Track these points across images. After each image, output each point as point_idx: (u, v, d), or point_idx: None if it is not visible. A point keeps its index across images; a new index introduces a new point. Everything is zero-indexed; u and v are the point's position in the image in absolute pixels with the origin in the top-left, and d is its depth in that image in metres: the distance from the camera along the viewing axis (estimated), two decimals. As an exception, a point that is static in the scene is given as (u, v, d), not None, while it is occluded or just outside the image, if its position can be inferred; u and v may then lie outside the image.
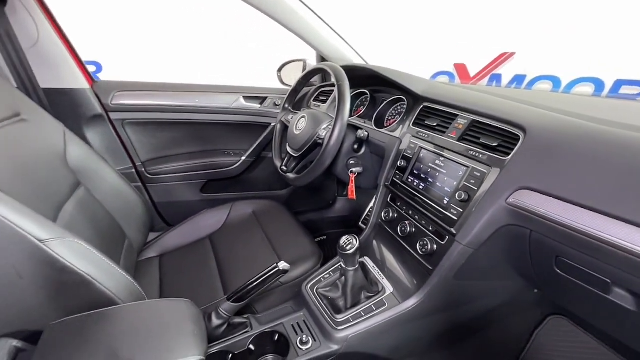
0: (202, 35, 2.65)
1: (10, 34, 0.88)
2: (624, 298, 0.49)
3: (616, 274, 0.48)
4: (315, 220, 1.53)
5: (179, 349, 0.52)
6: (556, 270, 0.57)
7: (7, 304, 0.54)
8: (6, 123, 0.71)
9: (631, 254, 0.43)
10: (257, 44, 2.53)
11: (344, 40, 1.31)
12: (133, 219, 1.02)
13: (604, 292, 0.51)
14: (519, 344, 0.98)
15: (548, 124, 0.59)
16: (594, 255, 0.49)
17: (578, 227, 0.48)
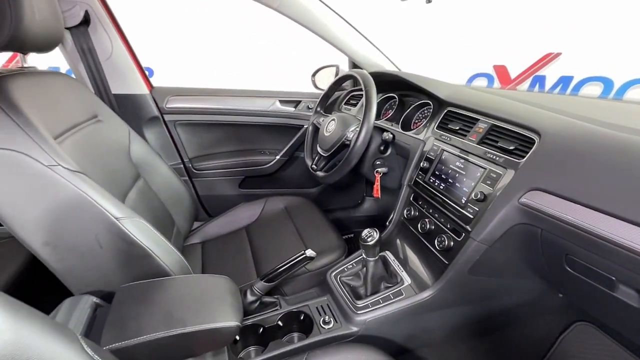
0: (237, 41, 2.84)
1: (91, 49, 1.06)
2: (629, 295, 0.52)
3: (620, 271, 0.50)
4: (343, 219, 1.60)
5: (220, 315, 0.62)
6: (566, 268, 0.60)
7: (90, 267, 0.68)
8: (88, 123, 0.86)
9: (634, 252, 0.46)
10: (292, 47, 2.65)
11: (375, 47, 1.38)
12: (181, 209, 1.15)
13: (610, 289, 0.53)
14: (542, 348, 0.98)
15: (561, 128, 0.62)
16: (600, 253, 0.51)
17: (585, 226, 0.51)
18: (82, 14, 1.01)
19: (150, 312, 0.62)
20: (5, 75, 0.64)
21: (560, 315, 0.98)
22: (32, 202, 0.62)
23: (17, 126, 0.60)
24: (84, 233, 0.66)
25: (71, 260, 0.67)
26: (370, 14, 2.59)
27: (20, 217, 0.62)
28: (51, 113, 0.71)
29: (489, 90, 0.98)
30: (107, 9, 1.09)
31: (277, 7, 1.13)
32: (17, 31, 0.63)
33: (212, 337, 0.61)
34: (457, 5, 3.18)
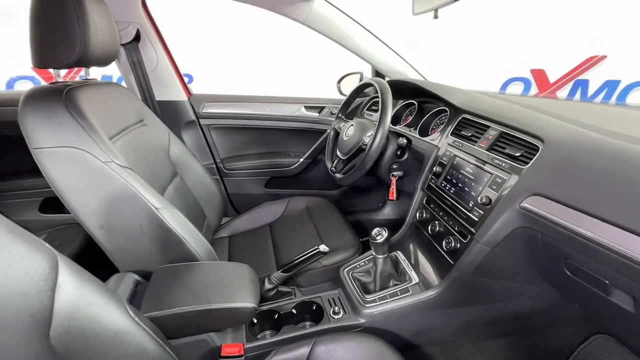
0: (268, 48, 2.99)
1: (140, 62, 1.21)
2: (624, 300, 0.53)
3: (614, 276, 0.52)
4: (364, 221, 1.65)
5: (239, 297, 0.70)
6: (566, 272, 0.62)
7: (133, 249, 0.79)
8: (135, 126, 0.99)
9: (625, 257, 0.48)
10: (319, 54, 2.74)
11: (398, 55, 1.42)
12: (212, 205, 1.27)
13: (606, 293, 0.55)
14: (559, 357, 0.97)
15: (564, 135, 0.64)
16: (595, 257, 0.53)
17: (580, 231, 0.54)
18: (134, 32, 1.16)
19: (181, 290, 0.72)
20: (75, 87, 0.78)
21: (579, 326, 0.96)
22: (91, 192, 0.74)
23: (82, 129, 0.73)
24: (130, 219, 0.77)
25: (119, 242, 0.79)
26: (404, 22, 2.62)
27: (82, 204, 0.74)
28: (107, 118, 0.84)
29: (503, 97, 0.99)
30: (154, 26, 1.24)
31: (303, 20, 1.21)
32: (85, 51, 0.76)
33: (231, 315, 0.70)
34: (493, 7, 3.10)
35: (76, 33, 0.74)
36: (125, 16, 1.15)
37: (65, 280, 0.45)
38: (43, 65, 0.75)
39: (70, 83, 0.80)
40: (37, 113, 0.71)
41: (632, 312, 0.53)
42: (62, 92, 0.74)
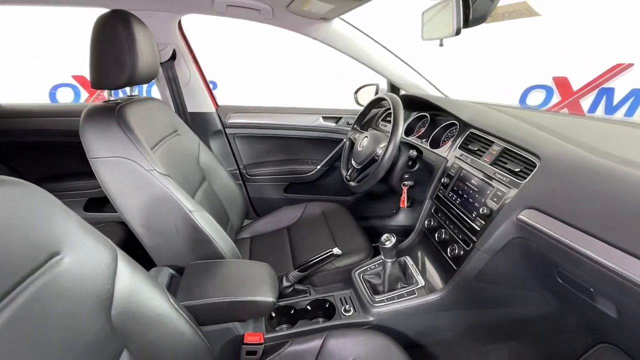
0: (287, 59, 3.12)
1: (175, 78, 1.35)
2: (608, 306, 0.58)
3: (597, 285, 0.57)
4: (376, 227, 1.71)
5: (260, 292, 0.80)
6: (558, 279, 0.67)
7: (169, 246, 0.90)
8: (171, 136, 1.11)
9: (607, 269, 0.54)
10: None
11: (414, 70, 1.49)
12: (235, 208, 1.38)
13: (592, 300, 0.60)
14: (564, 363, 1.01)
15: (559, 154, 0.69)
16: (580, 267, 0.59)
17: (569, 243, 0.59)
18: (171, 52, 1.30)
19: (210, 283, 0.82)
20: (123, 104, 0.90)
21: (583, 335, 0.99)
22: (136, 196, 0.86)
23: (130, 142, 0.85)
24: (167, 220, 0.89)
25: (157, 240, 0.90)
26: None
27: (127, 206, 0.86)
28: (149, 130, 0.96)
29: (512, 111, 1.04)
30: (188, 46, 1.37)
31: (322, 39, 1.31)
32: (133, 73, 0.88)
33: (253, 307, 0.79)
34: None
35: (127, 59, 0.86)
36: (164, 38, 1.28)
37: (123, 269, 0.56)
38: (99, 87, 0.88)
39: (119, 101, 0.93)
40: (94, 128, 0.84)
41: (615, 318, 0.58)
42: (115, 110, 0.86)
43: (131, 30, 0.86)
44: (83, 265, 0.50)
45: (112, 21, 0.85)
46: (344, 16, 1.28)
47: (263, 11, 1.16)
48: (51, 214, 0.49)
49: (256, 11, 1.16)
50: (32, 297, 0.41)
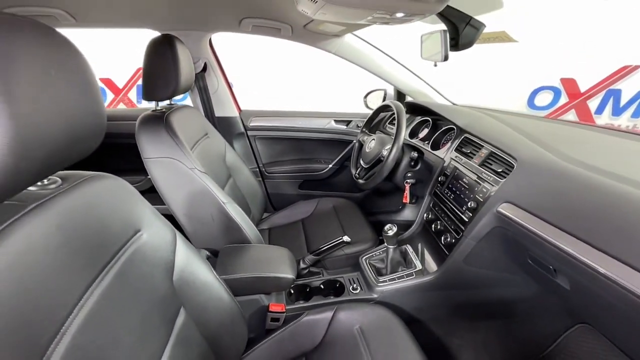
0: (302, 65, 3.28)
1: (205, 87, 1.53)
2: (564, 280, 0.72)
3: (556, 264, 0.72)
4: (384, 221, 1.85)
5: (282, 270, 0.96)
6: (529, 261, 0.81)
7: (206, 232, 1.08)
8: (203, 139, 1.29)
9: (562, 250, 0.67)
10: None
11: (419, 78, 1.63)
12: (255, 202, 1.55)
13: (552, 276, 0.74)
14: (543, 343, 1.14)
15: (532, 158, 0.83)
16: (543, 250, 0.73)
17: (535, 231, 0.73)
18: (202, 65, 1.48)
19: (241, 262, 0.99)
20: (169, 112, 1.08)
21: (564, 315, 1.12)
22: (180, 190, 1.04)
23: (175, 144, 1.02)
24: (204, 210, 1.06)
25: (197, 227, 1.08)
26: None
27: (173, 198, 1.04)
28: (188, 133, 1.14)
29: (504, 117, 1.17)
30: (217, 60, 1.55)
31: (335, 52, 1.46)
32: (176, 86, 1.06)
33: (276, 282, 0.96)
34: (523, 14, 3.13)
35: (172, 76, 1.04)
36: (197, 53, 1.46)
37: (180, 246, 0.73)
38: (150, 99, 1.06)
39: (165, 110, 1.11)
40: (147, 133, 1.01)
41: (569, 289, 0.72)
42: (162, 117, 1.04)
43: (175, 52, 1.04)
44: (155, 240, 0.67)
45: (162, 45, 1.02)
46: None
47: (283, 30, 1.32)
48: (134, 201, 0.67)
49: (277, 30, 1.33)
50: (127, 260, 0.59)
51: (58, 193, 0.50)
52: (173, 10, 1.23)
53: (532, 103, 3.58)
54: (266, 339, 0.91)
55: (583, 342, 1.08)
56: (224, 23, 1.35)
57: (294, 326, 0.93)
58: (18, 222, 0.42)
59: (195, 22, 1.35)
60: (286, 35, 1.37)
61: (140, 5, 1.19)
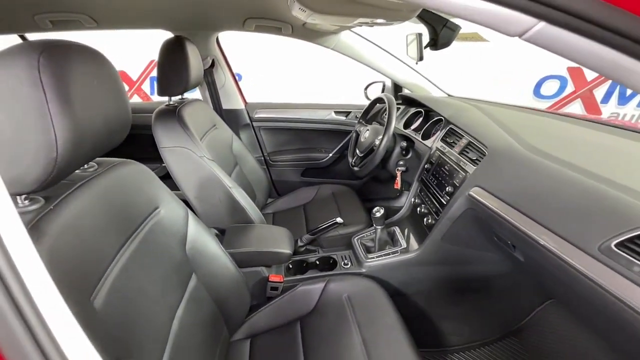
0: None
1: (213, 82, 1.65)
2: (520, 253, 0.83)
3: (514, 239, 0.82)
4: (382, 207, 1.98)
5: (281, 245, 1.10)
6: (495, 238, 0.92)
7: (214, 212, 1.22)
8: (211, 130, 1.42)
9: (516, 228, 0.78)
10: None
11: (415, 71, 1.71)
12: (260, 188, 1.68)
13: (511, 250, 0.85)
14: (519, 316, 1.25)
15: (500, 147, 0.93)
16: (504, 228, 0.84)
17: (498, 212, 0.83)
18: (210, 62, 1.60)
19: (245, 239, 1.13)
20: (181, 106, 1.21)
21: (537, 292, 1.23)
22: (191, 175, 1.17)
23: (186, 134, 1.16)
24: (213, 193, 1.20)
25: (206, 208, 1.22)
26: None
27: (186, 182, 1.18)
28: (197, 125, 1.27)
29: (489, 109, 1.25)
30: (224, 56, 1.67)
31: (333, 47, 1.56)
32: (187, 83, 1.18)
33: (275, 256, 1.09)
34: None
35: (183, 74, 1.16)
36: (206, 51, 1.58)
37: (191, 221, 0.87)
38: (163, 95, 1.19)
39: (177, 104, 1.24)
40: (162, 125, 1.15)
41: (523, 261, 0.83)
42: (175, 111, 1.17)
43: (185, 52, 1.16)
44: (171, 215, 0.81)
45: (173, 46, 1.15)
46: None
47: (284, 28, 1.42)
48: (153, 183, 0.80)
49: (278, 28, 1.43)
50: (149, 230, 0.72)
51: (96, 175, 0.64)
52: (183, 12, 1.35)
53: (539, 92, 3.58)
54: (266, 305, 1.05)
55: (552, 316, 1.20)
56: (229, 23, 1.47)
57: (291, 294, 1.06)
58: (71, 195, 0.56)
59: (204, 22, 1.47)
60: (287, 33, 1.47)
61: (153, 8, 1.31)
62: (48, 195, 0.53)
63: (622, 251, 0.56)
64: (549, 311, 1.21)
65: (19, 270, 0.28)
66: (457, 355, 1.18)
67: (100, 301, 0.54)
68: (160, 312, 0.69)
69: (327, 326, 0.96)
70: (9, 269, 0.28)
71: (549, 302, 1.21)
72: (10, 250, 0.28)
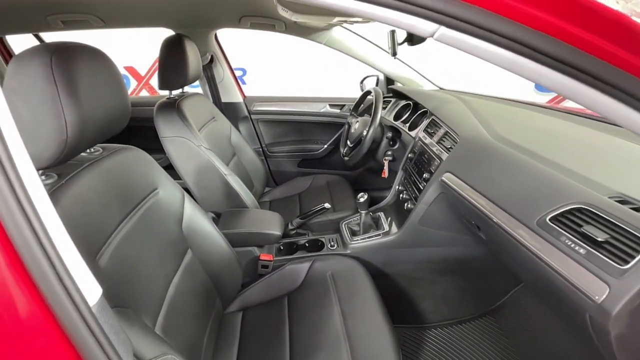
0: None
1: (213, 77, 1.75)
2: (482, 233, 0.91)
3: (477, 220, 0.90)
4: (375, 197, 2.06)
5: (270, 227, 1.20)
6: (464, 220, 1.00)
7: (211, 197, 1.32)
8: (210, 122, 1.52)
9: (479, 210, 0.85)
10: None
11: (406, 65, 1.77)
12: (258, 177, 1.78)
13: (476, 230, 0.93)
14: (495, 297, 1.33)
15: (471, 136, 1.00)
16: (469, 210, 0.91)
17: (464, 195, 0.91)
18: (209, 57, 1.69)
19: (239, 221, 1.23)
20: (180, 100, 1.31)
21: (514, 275, 1.30)
22: (190, 163, 1.28)
23: (184, 125, 1.26)
24: (210, 180, 1.30)
25: (203, 193, 1.32)
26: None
27: (185, 170, 1.28)
28: (196, 117, 1.37)
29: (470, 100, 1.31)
30: (223, 52, 1.77)
31: (325, 43, 1.64)
32: (186, 77, 1.28)
33: (265, 237, 1.19)
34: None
35: (183, 69, 1.26)
36: (205, 48, 1.68)
37: (187, 203, 0.97)
38: (164, 88, 1.29)
39: (177, 97, 1.34)
40: (162, 116, 1.25)
41: (485, 240, 0.91)
42: (175, 104, 1.27)
43: (184, 49, 1.26)
44: (168, 196, 0.91)
45: (173, 43, 1.25)
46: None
47: (277, 25, 1.50)
48: (152, 167, 0.90)
49: (272, 25, 1.51)
50: (148, 208, 0.83)
51: (101, 157, 0.74)
52: (183, 11, 1.45)
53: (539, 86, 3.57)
54: (258, 281, 1.15)
55: (525, 298, 1.27)
56: (226, 21, 1.56)
57: (280, 272, 1.16)
58: (78, 174, 0.66)
59: (202, 20, 1.56)
60: (280, 30, 1.56)
61: (155, 8, 1.41)
62: (60, 173, 0.64)
63: (554, 224, 0.64)
64: (522, 294, 1.29)
65: (43, 222, 0.38)
66: (435, 331, 1.27)
67: (104, 262, 0.64)
68: (158, 278, 0.80)
69: (311, 300, 1.05)
70: (37, 221, 0.38)
71: (523, 285, 1.28)
72: (37, 207, 0.38)
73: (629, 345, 0.53)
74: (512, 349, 1.19)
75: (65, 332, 0.36)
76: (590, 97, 0.37)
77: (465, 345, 1.22)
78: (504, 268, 1.28)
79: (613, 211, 0.58)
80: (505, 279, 1.31)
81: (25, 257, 0.36)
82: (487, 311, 1.32)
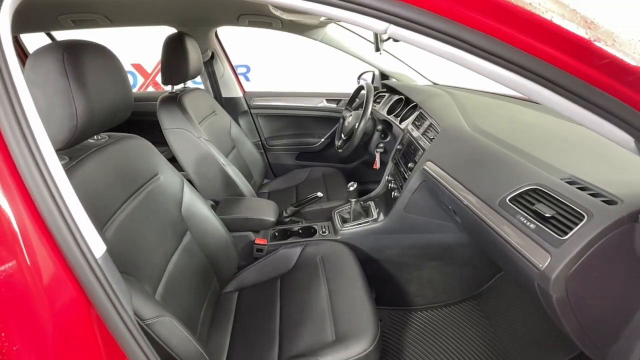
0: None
1: (213, 72, 1.84)
2: (459, 218, 0.98)
3: (453, 206, 0.97)
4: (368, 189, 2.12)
5: (265, 214, 1.28)
6: (443, 206, 1.07)
7: (210, 186, 1.41)
8: (211, 116, 1.60)
9: (455, 196, 0.92)
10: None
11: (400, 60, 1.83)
12: (257, 169, 1.86)
13: (454, 215, 1.00)
14: (479, 282, 1.39)
15: (451, 126, 1.07)
16: (445, 195, 0.98)
17: (442, 182, 0.98)
18: (210, 54, 1.78)
19: (236, 208, 1.31)
20: (182, 94, 1.39)
21: None
22: (190, 153, 1.36)
23: (185, 118, 1.34)
24: (209, 169, 1.39)
25: (203, 182, 1.41)
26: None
27: (186, 160, 1.37)
28: (197, 110, 1.45)
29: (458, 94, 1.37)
30: (223, 49, 1.85)
31: (320, 39, 1.70)
32: (187, 73, 1.36)
33: (260, 223, 1.27)
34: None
35: (183, 64, 1.34)
36: (205, 45, 1.76)
37: (186, 188, 1.05)
38: (167, 83, 1.38)
39: (178, 92, 1.42)
40: (165, 110, 1.34)
41: (461, 223, 0.97)
42: (176, 98, 1.36)
43: (185, 46, 1.34)
44: (168, 182, 1.00)
45: (174, 41, 1.33)
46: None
47: (274, 23, 1.58)
48: (153, 154, 0.99)
49: (269, 23, 1.59)
50: (150, 191, 0.91)
51: (107, 144, 0.83)
52: (184, 10, 1.53)
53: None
54: (253, 264, 1.23)
55: (505, 286, 1.33)
56: (225, 19, 1.64)
57: (274, 256, 1.24)
58: (86, 158, 0.75)
59: (202, 19, 1.64)
60: (277, 27, 1.63)
61: (159, 8, 1.49)
62: (71, 156, 0.72)
63: (512, 204, 0.70)
64: (504, 281, 1.35)
65: (60, 189, 0.47)
66: (421, 313, 1.34)
67: (109, 235, 0.73)
68: (158, 254, 0.88)
69: (301, 281, 1.13)
70: (54, 187, 0.46)
71: (504, 273, 1.34)
72: (55, 177, 0.47)
73: (569, 308, 0.60)
74: (492, 331, 1.25)
75: (76, 277, 0.44)
76: (512, 80, 0.44)
77: (448, 326, 1.29)
78: (487, 256, 1.34)
79: (561, 190, 0.64)
80: (488, 267, 1.37)
81: (45, 216, 0.44)
82: (471, 296, 1.38)
